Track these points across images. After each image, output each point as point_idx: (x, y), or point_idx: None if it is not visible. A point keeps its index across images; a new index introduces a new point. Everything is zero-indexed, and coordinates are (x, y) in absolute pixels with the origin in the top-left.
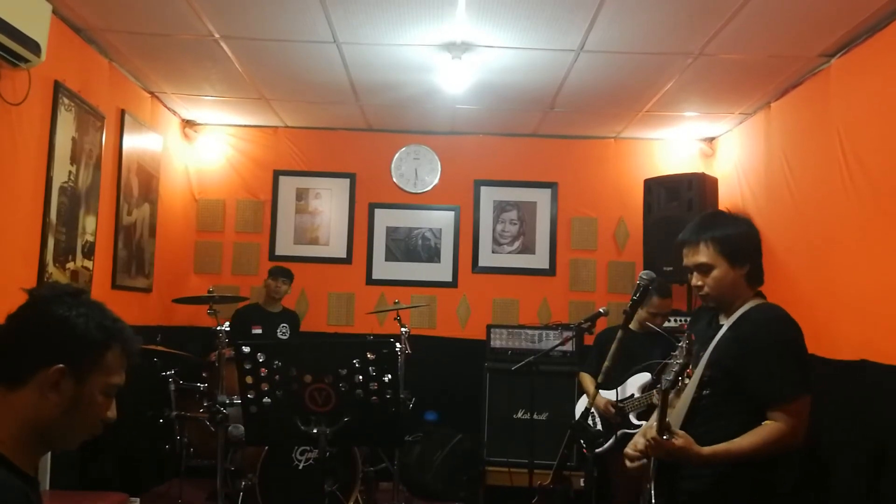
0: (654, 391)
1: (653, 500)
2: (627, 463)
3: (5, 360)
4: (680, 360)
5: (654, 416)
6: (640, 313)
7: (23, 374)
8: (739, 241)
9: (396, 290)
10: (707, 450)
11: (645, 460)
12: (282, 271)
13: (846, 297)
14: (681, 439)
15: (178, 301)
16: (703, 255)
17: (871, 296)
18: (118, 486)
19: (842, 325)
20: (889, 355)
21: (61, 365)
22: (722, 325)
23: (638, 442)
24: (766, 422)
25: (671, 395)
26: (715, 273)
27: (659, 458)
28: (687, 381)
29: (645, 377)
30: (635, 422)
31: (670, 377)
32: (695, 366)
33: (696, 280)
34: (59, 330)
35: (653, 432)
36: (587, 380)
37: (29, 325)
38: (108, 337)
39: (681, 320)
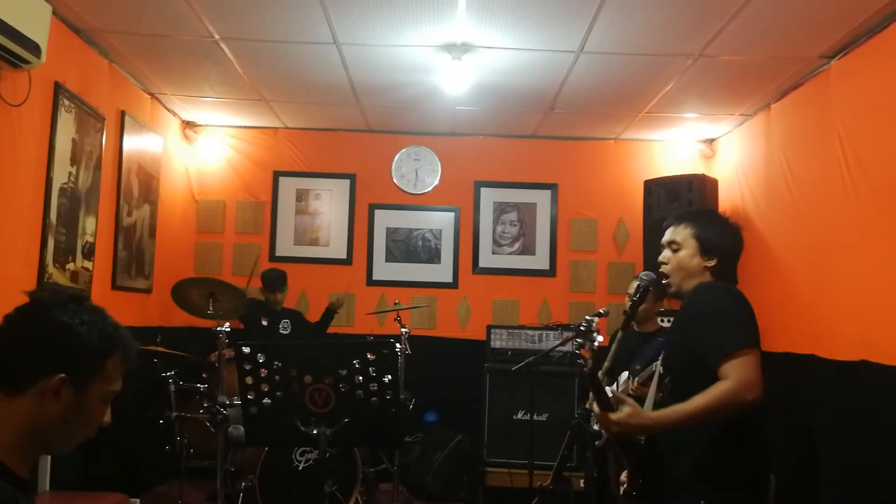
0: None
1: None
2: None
3: (5, 368)
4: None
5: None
6: (647, 305)
7: (23, 383)
8: (717, 234)
9: (397, 290)
10: (654, 414)
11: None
12: (272, 284)
13: (846, 297)
14: (626, 408)
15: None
16: (678, 234)
17: (871, 296)
18: (118, 487)
19: (842, 325)
20: (889, 355)
21: (63, 375)
22: None
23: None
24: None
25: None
26: (681, 253)
27: (612, 434)
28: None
29: (635, 368)
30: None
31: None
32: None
33: (662, 256)
34: (62, 339)
35: (598, 410)
36: None
37: (31, 332)
38: (109, 345)
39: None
